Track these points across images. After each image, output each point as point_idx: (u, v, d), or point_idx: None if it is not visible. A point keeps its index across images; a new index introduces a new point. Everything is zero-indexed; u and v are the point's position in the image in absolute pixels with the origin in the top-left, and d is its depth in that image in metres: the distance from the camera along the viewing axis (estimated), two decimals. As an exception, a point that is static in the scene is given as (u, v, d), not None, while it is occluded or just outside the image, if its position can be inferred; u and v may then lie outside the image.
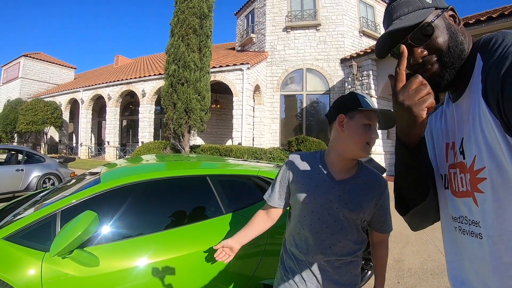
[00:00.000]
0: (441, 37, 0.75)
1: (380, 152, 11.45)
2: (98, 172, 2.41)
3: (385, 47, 0.83)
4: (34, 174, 7.33)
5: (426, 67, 0.77)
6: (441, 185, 0.87)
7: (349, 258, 1.23)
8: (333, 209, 1.18)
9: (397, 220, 5.59)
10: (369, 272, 3.12)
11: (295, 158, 1.32)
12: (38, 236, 1.73)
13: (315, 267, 1.22)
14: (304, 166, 1.27)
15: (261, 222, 1.42)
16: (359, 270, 1.30)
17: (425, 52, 0.76)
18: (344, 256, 1.21)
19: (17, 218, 1.90)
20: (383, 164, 11.42)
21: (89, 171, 2.78)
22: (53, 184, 7.65)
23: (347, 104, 1.20)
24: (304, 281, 1.22)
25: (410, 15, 0.76)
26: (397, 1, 0.79)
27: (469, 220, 0.75)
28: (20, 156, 7.48)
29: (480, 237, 0.71)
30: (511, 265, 0.64)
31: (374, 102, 1.23)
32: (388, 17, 0.81)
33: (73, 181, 2.64)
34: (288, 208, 1.38)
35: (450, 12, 0.79)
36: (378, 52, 0.85)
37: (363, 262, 3.03)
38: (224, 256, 1.40)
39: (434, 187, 0.86)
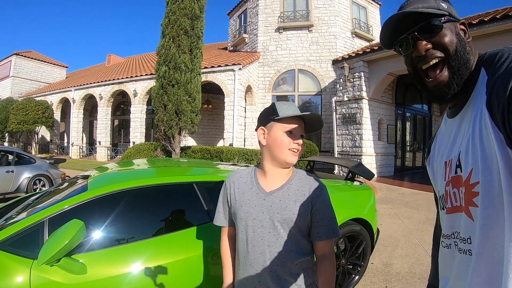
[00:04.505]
0: (449, 37, 0.76)
1: (371, 153, 11.55)
2: (89, 176, 2.44)
3: (391, 37, 0.83)
4: (25, 176, 7.32)
5: (427, 60, 0.77)
6: (440, 207, 0.88)
7: (294, 269, 1.21)
8: (267, 220, 1.20)
9: (386, 222, 5.67)
10: (356, 277, 3.09)
11: (232, 176, 1.36)
12: (26, 244, 1.76)
13: (261, 280, 1.21)
14: (239, 182, 1.31)
15: (229, 251, 1.43)
16: (310, 282, 1.26)
17: (429, 45, 0.76)
18: (287, 267, 1.20)
19: (6, 224, 1.92)
20: (374, 165, 11.54)
21: (81, 174, 2.80)
22: (43, 185, 7.63)
23: (266, 115, 1.26)
24: None
25: (424, 8, 0.77)
26: None
27: (460, 236, 0.74)
28: (10, 157, 7.45)
29: (470, 254, 0.70)
30: (493, 282, 0.64)
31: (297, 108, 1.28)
32: (399, 10, 0.81)
33: (64, 185, 2.66)
34: None
35: (462, 26, 0.80)
36: (384, 41, 0.86)
37: (350, 266, 3.02)
38: None
39: None
